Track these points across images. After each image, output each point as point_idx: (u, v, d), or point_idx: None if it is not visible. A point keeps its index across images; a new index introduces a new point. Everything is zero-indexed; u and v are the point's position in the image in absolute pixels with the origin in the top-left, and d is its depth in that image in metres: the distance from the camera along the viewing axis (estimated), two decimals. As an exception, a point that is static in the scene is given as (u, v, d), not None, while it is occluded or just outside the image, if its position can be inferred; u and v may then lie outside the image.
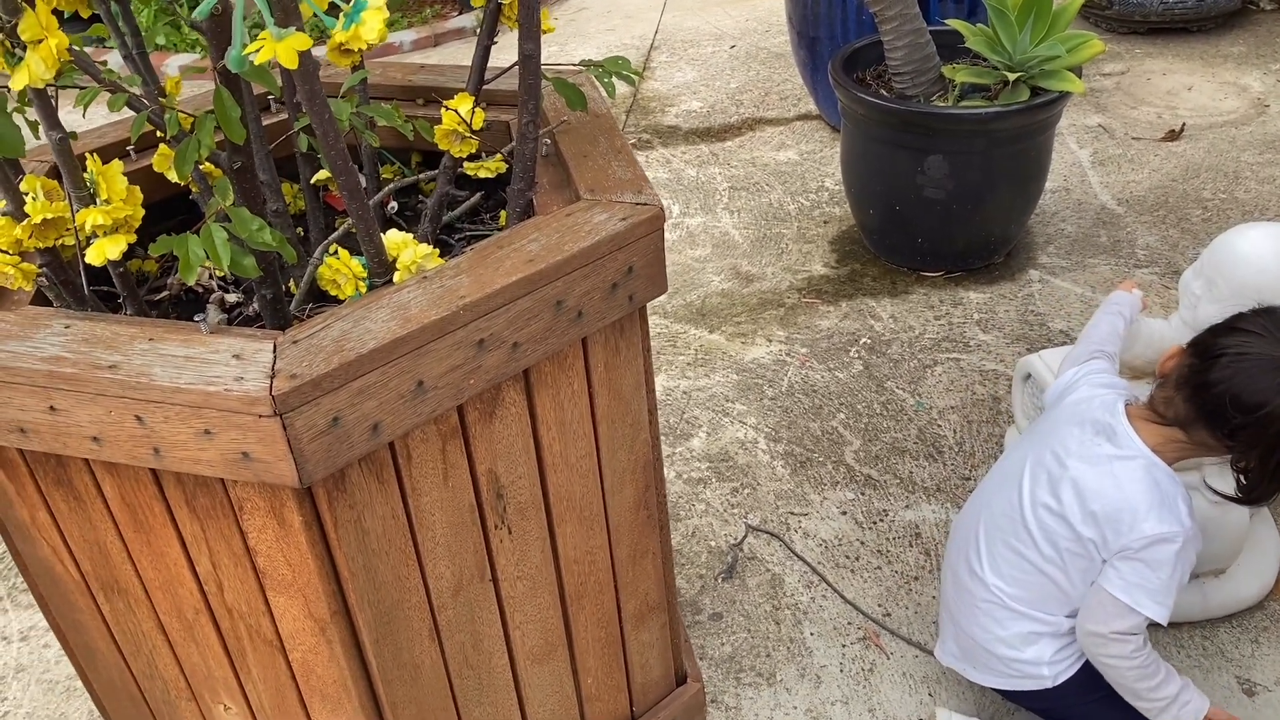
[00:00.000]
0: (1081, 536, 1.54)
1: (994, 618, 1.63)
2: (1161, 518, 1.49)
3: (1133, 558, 1.50)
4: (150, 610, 1.32)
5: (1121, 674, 1.54)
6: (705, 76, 4.50)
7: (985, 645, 1.65)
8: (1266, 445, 1.45)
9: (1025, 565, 1.60)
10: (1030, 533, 1.60)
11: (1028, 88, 2.73)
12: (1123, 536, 1.50)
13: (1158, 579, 1.49)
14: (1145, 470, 1.53)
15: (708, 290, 3.07)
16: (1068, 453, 1.60)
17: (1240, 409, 1.44)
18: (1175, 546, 1.49)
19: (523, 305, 1.17)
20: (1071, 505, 1.55)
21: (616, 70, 1.38)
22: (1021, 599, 1.61)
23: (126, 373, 1.05)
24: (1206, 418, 1.49)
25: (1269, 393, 1.42)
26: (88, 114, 1.30)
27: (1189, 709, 1.55)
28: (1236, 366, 1.45)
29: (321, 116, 1.06)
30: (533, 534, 1.36)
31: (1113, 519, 1.51)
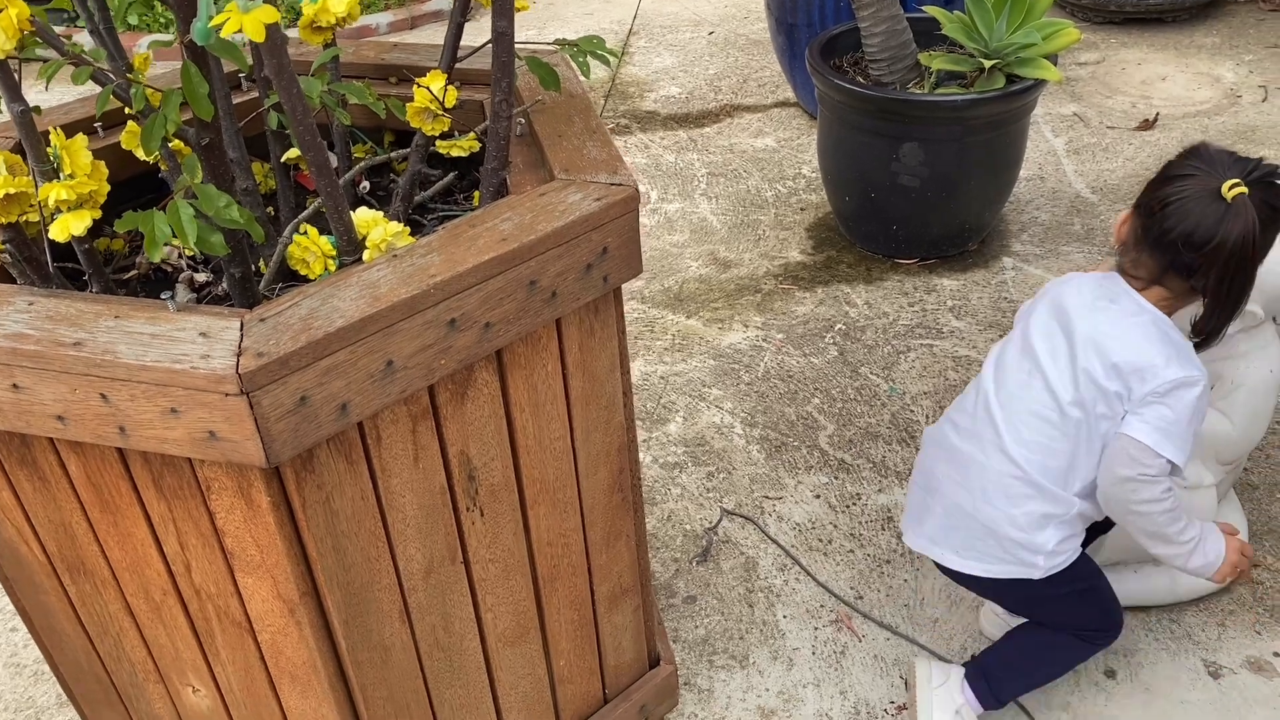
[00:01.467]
0: (1107, 392, 1.53)
1: (1010, 494, 1.58)
2: (1182, 364, 1.51)
3: (1157, 402, 1.51)
4: (117, 592, 1.31)
5: (1154, 519, 1.54)
6: (684, 62, 4.49)
7: (992, 525, 1.59)
8: (1219, 274, 1.49)
9: (1050, 431, 1.56)
10: (1055, 395, 1.56)
11: (1003, 75, 2.74)
12: (1148, 383, 1.51)
13: (1180, 424, 1.50)
14: (1154, 324, 1.54)
15: (685, 276, 3.06)
16: (1078, 316, 1.59)
17: (1193, 247, 1.48)
18: (1197, 390, 1.51)
19: (495, 285, 1.17)
20: (1093, 361, 1.54)
21: (591, 50, 1.37)
22: (1044, 469, 1.56)
23: (91, 350, 1.04)
24: (1170, 266, 1.52)
25: (1214, 225, 1.47)
26: (60, 92, 1.28)
27: (1212, 548, 1.59)
28: (1181, 209, 1.49)
29: (289, 91, 1.05)
30: (505, 516, 1.35)
31: (1136, 369, 1.52)
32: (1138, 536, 1.59)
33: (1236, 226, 1.45)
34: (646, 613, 1.68)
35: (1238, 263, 1.48)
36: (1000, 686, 1.73)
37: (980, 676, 1.73)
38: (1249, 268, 1.49)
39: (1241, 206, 1.45)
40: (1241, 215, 1.45)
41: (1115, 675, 1.86)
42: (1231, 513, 2.05)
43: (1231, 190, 1.45)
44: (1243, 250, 1.46)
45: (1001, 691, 1.74)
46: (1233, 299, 1.52)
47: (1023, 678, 1.74)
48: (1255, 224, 1.46)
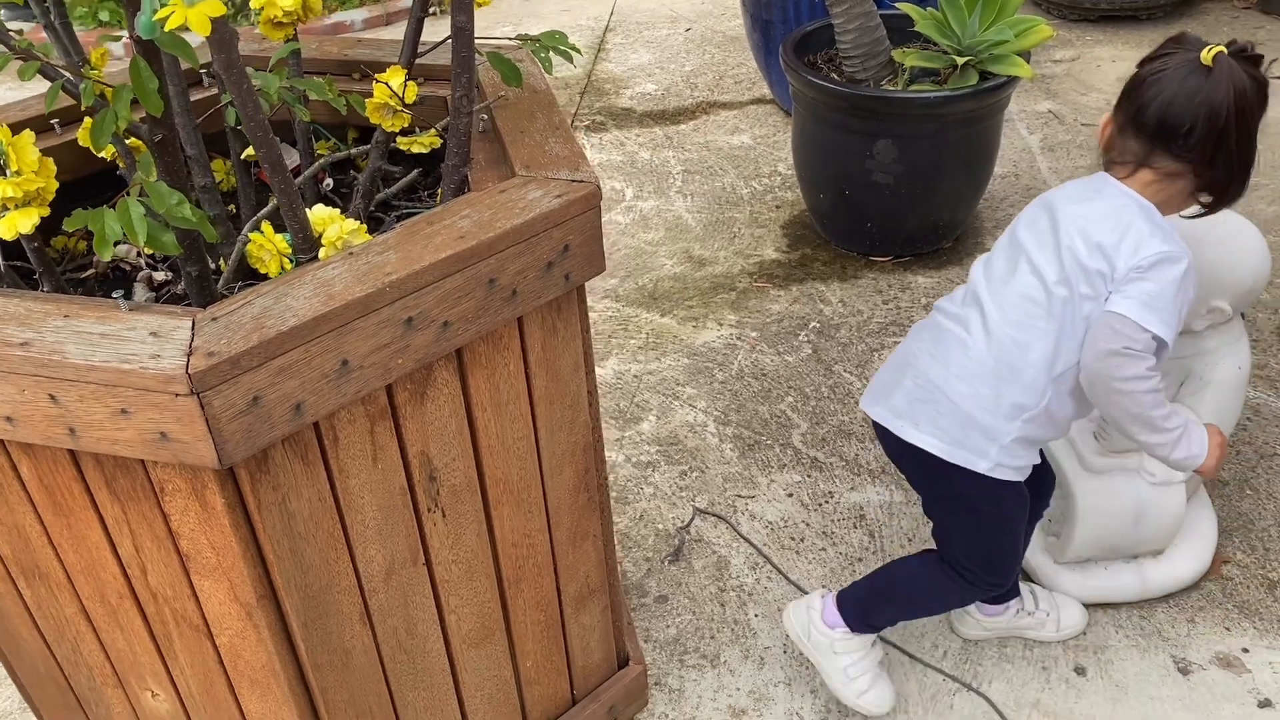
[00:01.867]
0: (1089, 270, 1.50)
1: (985, 375, 1.56)
2: (1165, 239, 1.49)
3: (1140, 278, 1.48)
4: (73, 595, 1.29)
5: (1137, 399, 1.48)
6: (660, 59, 4.48)
7: (960, 402, 1.57)
8: (1219, 136, 1.45)
9: (1036, 310, 1.54)
10: (1041, 276, 1.54)
11: (977, 72, 2.74)
12: (1130, 258, 1.48)
13: (1164, 298, 1.47)
14: (1138, 208, 1.52)
15: (660, 274, 3.05)
16: (1062, 206, 1.57)
17: (1181, 114, 1.45)
18: (1181, 266, 1.48)
19: (453, 283, 1.15)
20: (1077, 241, 1.52)
21: (553, 45, 1.35)
22: (1028, 348, 1.54)
23: (39, 350, 1.02)
24: (1158, 142, 1.49)
25: (1196, 90, 1.45)
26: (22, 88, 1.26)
27: (1197, 441, 1.54)
28: (1161, 82, 1.48)
29: (240, 86, 1.03)
30: (468, 517, 1.34)
31: (1118, 246, 1.50)
32: (1123, 425, 1.53)
33: (1222, 86, 1.43)
34: (615, 613, 1.67)
35: (1233, 123, 1.44)
36: (865, 618, 1.75)
37: (850, 600, 1.76)
38: (1245, 125, 1.45)
39: (1225, 66, 1.43)
40: (1226, 75, 1.43)
41: (1085, 672, 1.86)
42: (1200, 510, 2.06)
43: (1210, 53, 1.43)
44: (1236, 107, 1.43)
45: (866, 623, 1.75)
46: (1241, 163, 1.48)
47: (892, 605, 1.75)
48: (1245, 80, 1.43)
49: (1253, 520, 2.13)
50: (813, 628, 1.78)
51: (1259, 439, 2.32)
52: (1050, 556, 1.98)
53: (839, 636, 1.76)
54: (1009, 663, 1.88)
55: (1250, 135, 1.49)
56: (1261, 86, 1.48)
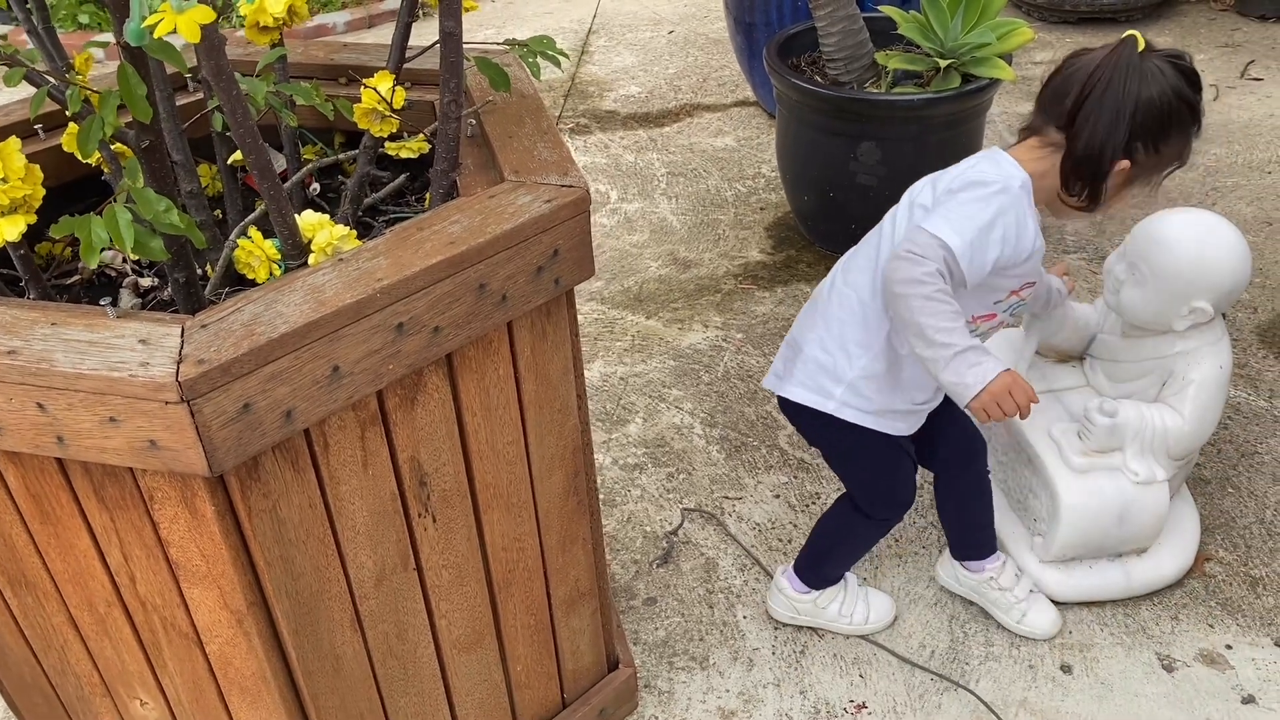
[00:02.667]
0: (916, 206, 1.60)
1: (829, 319, 1.66)
2: (988, 172, 1.53)
3: (946, 198, 1.53)
4: (61, 604, 1.28)
5: (909, 304, 1.46)
6: (644, 61, 4.48)
7: (806, 345, 1.69)
8: (1083, 101, 1.49)
9: (871, 253, 1.63)
10: (882, 225, 1.65)
11: (959, 75, 2.75)
12: (948, 185, 1.55)
13: (963, 211, 1.49)
14: (996, 160, 1.57)
15: (645, 276, 3.06)
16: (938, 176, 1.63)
17: (1070, 79, 1.51)
18: (989, 190, 1.50)
19: (444, 288, 1.15)
20: (925, 192, 1.60)
21: (541, 50, 1.36)
22: (871, 289, 1.61)
23: (26, 358, 1.01)
24: (1047, 108, 1.54)
25: (1094, 60, 1.49)
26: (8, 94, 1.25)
27: (975, 370, 1.47)
28: (1076, 60, 1.54)
29: (229, 93, 1.03)
30: (458, 522, 1.34)
31: (947, 179, 1.57)
32: (906, 336, 1.53)
33: (1114, 60, 1.46)
34: (605, 616, 1.67)
35: (1101, 92, 1.47)
36: (815, 571, 1.92)
37: (802, 566, 1.94)
38: (1115, 99, 1.47)
39: (1125, 47, 1.47)
40: (1126, 54, 1.46)
41: (1071, 670, 1.88)
42: (1183, 508, 2.08)
43: (1124, 34, 1.48)
44: (1110, 78, 1.46)
45: (820, 576, 1.92)
46: (1097, 142, 1.49)
47: (826, 555, 1.91)
48: (1147, 65, 1.46)
49: (1235, 518, 2.15)
50: (792, 603, 1.94)
51: (1240, 437, 2.34)
52: (1035, 555, 2.00)
53: (815, 594, 1.93)
54: (995, 661, 1.90)
55: (1116, 114, 1.48)
56: (1168, 84, 1.49)
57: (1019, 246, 1.52)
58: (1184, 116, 1.52)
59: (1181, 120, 1.52)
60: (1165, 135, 1.51)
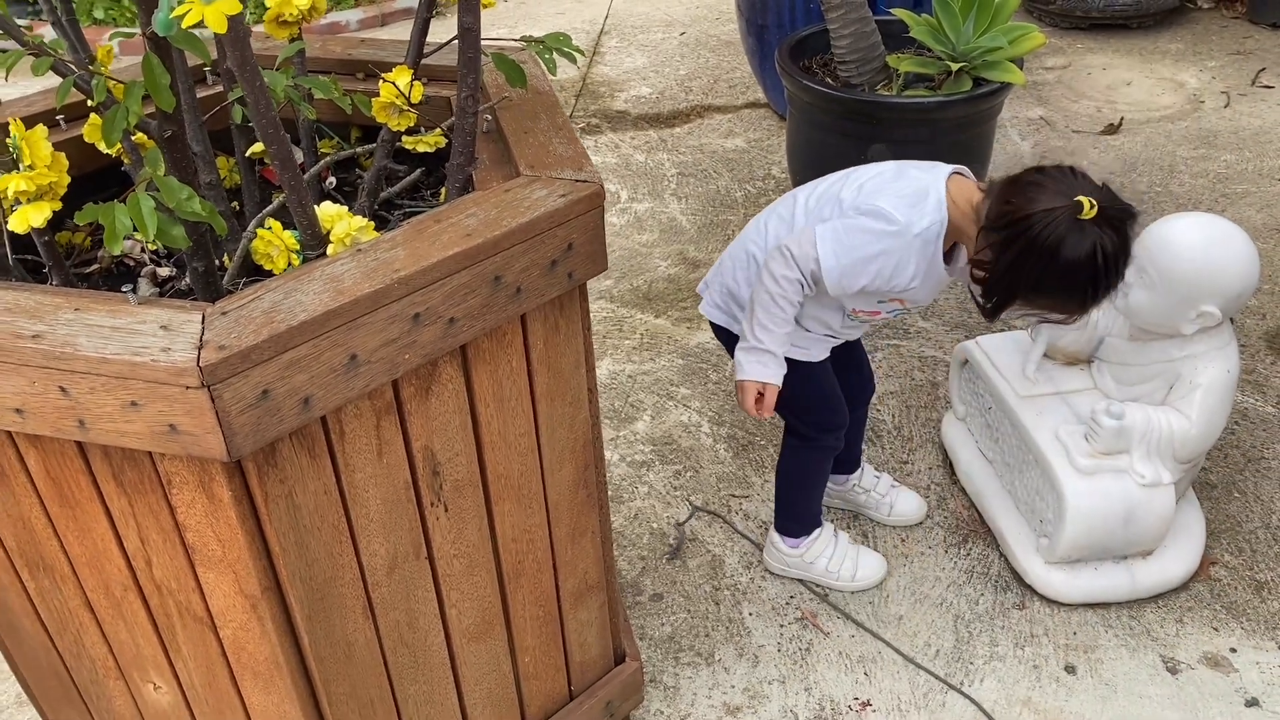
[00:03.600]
0: (840, 198, 1.70)
1: (746, 251, 1.81)
2: (898, 207, 1.62)
3: (850, 215, 1.66)
4: (77, 587, 1.29)
5: (763, 289, 1.68)
6: (655, 62, 4.50)
7: (726, 270, 1.85)
8: (1013, 254, 1.52)
9: (791, 207, 1.78)
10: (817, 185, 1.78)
11: (970, 78, 2.76)
12: (860, 200, 1.66)
13: (848, 236, 1.63)
14: (919, 188, 1.63)
15: (655, 275, 3.07)
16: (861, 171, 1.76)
17: (1020, 204, 1.52)
18: (886, 228, 1.61)
19: (460, 280, 1.17)
20: (858, 179, 1.72)
21: (557, 46, 1.37)
22: (776, 236, 1.76)
23: (50, 342, 1.03)
24: (995, 199, 1.57)
25: (1049, 213, 1.49)
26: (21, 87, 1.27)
27: (756, 366, 1.70)
28: (1040, 183, 1.54)
29: (253, 84, 1.05)
30: (470, 512, 1.35)
31: (871, 191, 1.67)
32: (749, 308, 1.72)
33: (1053, 213, 1.47)
34: (612, 609, 1.68)
35: (1025, 257, 1.50)
36: (789, 517, 2.02)
37: (781, 519, 2.04)
38: (1033, 268, 1.50)
39: (1086, 234, 1.48)
40: (1064, 211, 1.48)
41: (1075, 671, 1.88)
42: (1189, 511, 2.09)
43: (1090, 209, 1.47)
44: (1044, 250, 1.49)
45: (793, 520, 2.03)
46: (1005, 282, 1.54)
47: (791, 498, 2.01)
48: (1066, 223, 1.47)
49: (1240, 523, 2.16)
50: (784, 556, 2.06)
51: (1246, 443, 2.35)
52: (1041, 556, 2.01)
53: (803, 549, 2.03)
54: (1000, 661, 1.91)
55: (1022, 277, 1.53)
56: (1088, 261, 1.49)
57: (892, 281, 1.65)
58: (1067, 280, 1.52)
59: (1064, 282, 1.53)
60: (1064, 296, 1.55)
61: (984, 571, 2.09)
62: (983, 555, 2.12)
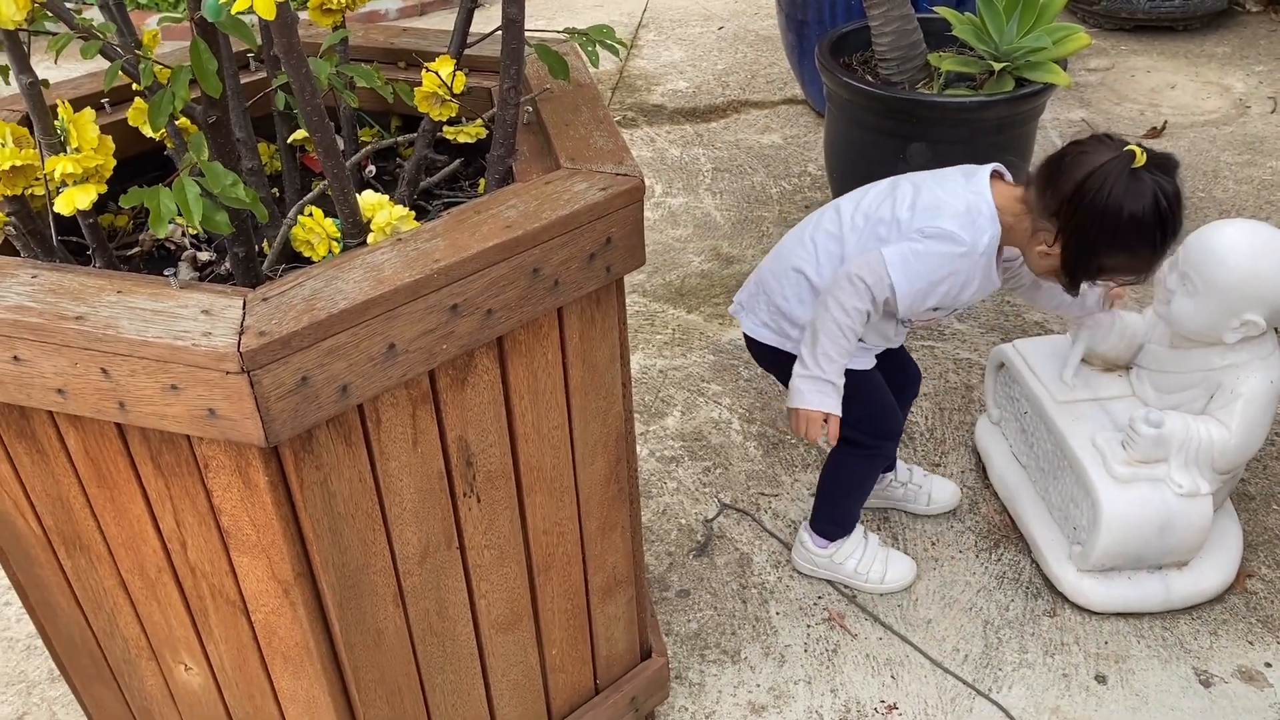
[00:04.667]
0: (897, 218, 1.70)
1: (787, 269, 1.81)
2: (962, 225, 1.65)
3: (916, 238, 1.66)
4: (112, 567, 1.31)
5: (825, 320, 1.68)
6: (692, 57, 4.48)
7: (772, 289, 1.84)
8: (1078, 222, 1.58)
9: (838, 223, 1.78)
10: (860, 200, 1.78)
11: (1013, 78, 2.73)
12: (921, 221, 1.67)
13: (919, 261, 1.65)
14: (971, 202, 1.66)
15: (687, 270, 3.06)
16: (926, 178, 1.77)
17: (1070, 172, 1.58)
18: (956, 250, 1.64)
19: (499, 271, 1.16)
20: (906, 194, 1.72)
21: (600, 39, 1.37)
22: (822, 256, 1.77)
23: (93, 324, 1.04)
24: (1044, 181, 1.62)
25: (1100, 166, 1.55)
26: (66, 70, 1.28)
27: (816, 395, 1.71)
28: (1087, 148, 1.61)
29: (299, 71, 1.05)
30: (501, 503, 1.36)
31: (926, 208, 1.68)
32: (811, 330, 1.72)
33: (1114, 185, 1.53)
34: (640, 605, 1.68)
35: (1085, 216, 1.55)
36: (829, 520, 2.00)
37: (817, 519, 2.02)
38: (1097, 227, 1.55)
39: (1137, 177, 1.54)
40: (1124, 180, 1.53)
41: (1106, 680, 1.86)
42: (1226, 523, 2.05)
43: (1140, 158, 1.54)
44: (1101, 206, 1.54)
45: (833, 523, 2.00)
46: (1079, 253, 1.59)
47: (832, 501, 1.99)
48: (1139, 197, 1.53)
49: (1278, 535, 2.12)
50: (812, 556, 2.04)
51: (1287, 454, 2.31)
52: (1073, 564, 1.98)
53: (832, 550, 2.02)
54: (1029, 669, 1.89)
55: (1095, 242, 1.58)
56: (1149, 201, 1.55)
57: (958, 298, 1.71)
58: (1131, 238, 1.58)
59: (1129, 241, 1.59)
60: (1137, 248, 1.60)
61: (1015, 577, 2.07)
62: (1014, 561, 2.10)
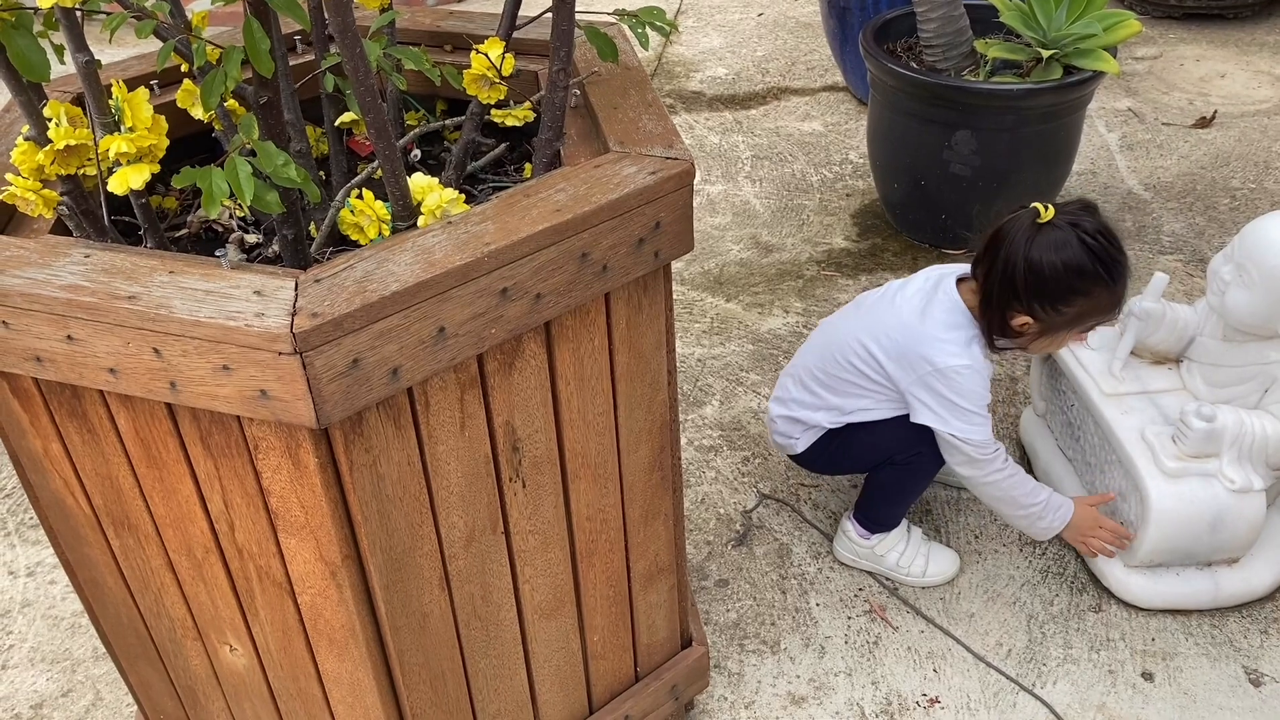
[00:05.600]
0: (927, 359, 1.79)
1: (825, 390, 1.96)
2: (963, 348, 1.76)
3: (948, 379, 1.76)
4: (160, 547, 1.31)
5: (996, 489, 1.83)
6: (732, 43, 4.45)
7: (813, 417, 1.97)
8: (986, 265, 1.72)
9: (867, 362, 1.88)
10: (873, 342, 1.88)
11: (1060, 66, 2.69)
12: (939, 357, 1.77)
13: (962, 405, 1.78)
14: (950, 319, 1.78)
15: (726, 259, 3.04)
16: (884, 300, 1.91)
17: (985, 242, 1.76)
18: (970, 374, 1.76)
19: (548, 255, 1.15)
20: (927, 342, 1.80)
21: (650, 20, 1.35)
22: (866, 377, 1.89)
23: (145, 304, 1.04)
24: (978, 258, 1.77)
25: (1013, 221, 1.70)
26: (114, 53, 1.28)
27: (1060, 514, 1.86)
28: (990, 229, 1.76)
29: (353, 51, 1.04)
30: (546, 489, 1.35)
31: (931, 342, 1.78)
32: (992, 505, 1.88)
33: (1007, 224, 1.65)
34: (681, 593, 1.67)
35: (1002, 264, 1.67)
36: (875, 519, 2.01)
37: (862, 511, 2.02)
38: (1003, 263, 1.67)
39: (1024, 216, 1.66)
40: (1016, 220, 1.66)
41: (1153, 678, 1.83)
42: (1279, 520, 2.01)
43: (1046, 212, 1.65)
44: (1003, 241, 1.67)
45: (878, 521, 2.01)
46: (995, 299, 1.71)
47: (880, 499, 2.00)
48: (1021, 228, 1.64)
49: (1331, 533, 2.08)
50: (855, 546, 2.04)
51: (1340, 451, 2.26)
52: (1120, 560, 1.95)
53: (875, 541, 2.01)
54: (1074, 664, 1.86)
55: (1005, 278, 1.68)
56: (1059, 254, 1.65)
57: (987, 378, 1.82)
58: (1076, 282, 1.67)
59: (1074, 286, 1.67)
60: (1061, 298, 1.69)
61: (1059, 572, 2.04)
62: (1058, 555, 2.07)
